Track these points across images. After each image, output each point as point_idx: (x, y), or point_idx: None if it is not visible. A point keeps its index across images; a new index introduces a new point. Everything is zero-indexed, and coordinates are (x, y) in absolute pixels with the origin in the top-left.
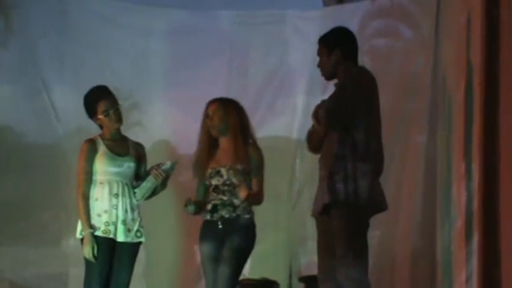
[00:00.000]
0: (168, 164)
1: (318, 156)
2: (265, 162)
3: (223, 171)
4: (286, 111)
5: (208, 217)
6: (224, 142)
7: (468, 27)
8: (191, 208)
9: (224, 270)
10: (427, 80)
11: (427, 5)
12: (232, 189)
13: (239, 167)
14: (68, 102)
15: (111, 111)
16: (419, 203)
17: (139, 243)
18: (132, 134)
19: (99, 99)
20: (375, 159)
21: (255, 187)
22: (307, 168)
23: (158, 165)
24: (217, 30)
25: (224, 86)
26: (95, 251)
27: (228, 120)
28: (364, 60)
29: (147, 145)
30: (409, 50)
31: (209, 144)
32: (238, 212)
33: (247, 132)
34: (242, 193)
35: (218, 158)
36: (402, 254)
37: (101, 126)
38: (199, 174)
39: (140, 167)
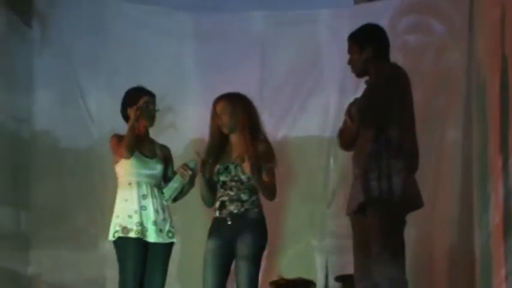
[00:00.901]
0: (194, 161)
1: (352, 154)
2: (299, 162)
3: (231, 167)
4: (319, 111)
5: (217, 214)
6: (234, 138)
7: (502, 21)
8: (192, 163)
9: (245, 268)
10: (462, 75)
11: (459, 0)
12: (239, 185)
13: (245, 166)
14: (103, 107)
15: (151, 106)
16: (456, 200)
17: (172, 243)
18: (166, 136)
19: (144, 93)
20: (409, 155)
21: (265, 179)
22: (341, 167)
23: (185, 164)
24: (249, 32)
25: (257, 86)
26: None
27: (237, 116)
28: (396, 56)
29: (181, 147)
30: (442, 45)
31: (219, 141)
32: (247, 206)
33: (257, 127)
34: (246, 167)
35: (227, 154)
36: (440, 252)
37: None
38: (208, 172)
39: (167, 169)
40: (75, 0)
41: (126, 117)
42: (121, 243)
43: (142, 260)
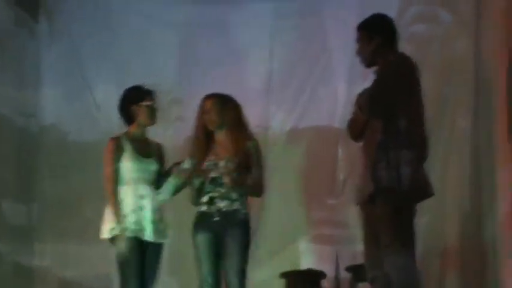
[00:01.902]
0: (187, 162)
1: (361, 144)
2: (308, 152)
3: (221, 163)
4: (328, 100)
5: (204, 208)
6: (220, 135)
7: (509, 11)
8: (188, 163)
9: (234, 264)
10: (470, 65)
11: None
12: None
13: (237, 159)
14: (111, 100)
15: (155, 106)
16: (466, 188)
17: (163, 244)
18: (174, 129)
19: (149, 93)
20: (418, 145)
21: (255, 179)
22: (350, 157)
23: (178, 164)
24: (257, 23)
25: (265, 77)
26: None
27: (225, 114)
28: (404, 46)
29: (188, 140)
30: (449, 35)
31: (205, 137)
32: (236, 206)
33: (243, 125)
34: (225, 180)
35: (215, 151)
36: (451, 240)
37: (131, 122)
38: (196, 167)
39: (161, 167)
40: None
41: (126, 115)
42: (119, 241)
43: (141, 258)
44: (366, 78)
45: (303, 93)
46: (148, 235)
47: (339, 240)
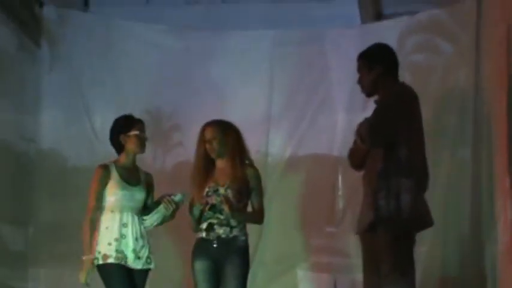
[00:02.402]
0: (179, 196)
1: (360, 173)
2: (308, 179)
3: (221, 190)
4: (327, 129)
5: (203, 235)
6: (221, 163)
7: (508, 40)
8: (179, 197)
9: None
10: (470, 94)
11: (466, 19)
12: None
13: (237, 186)
14: (109, 126)
15: (143, 134)
16: (466, 217)
17: (148, 270)
18: (174, 154)
19: (139, 121)
20: (419, 174)
21: (255, 206)
22: (349, 186)
23: (169, 195)
24: (257, 50)
25: (265, 104)
26: (89, 278)
27: (226, 142)
28: (404, 75)
29: (189, 165)
30: (449, 64)
31: (206, 165)
32: (235, 233)
33: (243, 153)
34: (225, 207)
35: (215, 178)
36: (450, 269)
37: (120, 151)
38: (197, 195)
39: (148, 196)
40: (84, 20)
41: (116, 145)
42: (103, 269)
43: (128, 284)
44: (366, 108)
45: (302, 120)
46: (129, 263)
47: (338, 268)
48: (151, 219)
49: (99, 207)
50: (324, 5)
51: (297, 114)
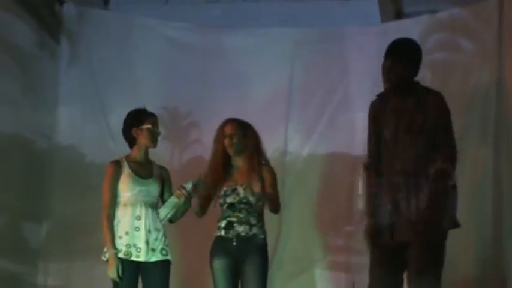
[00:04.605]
0: (190, 183)
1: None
2: (326, 178)
3: (240, 189)
4: (346, 128)
5: (222, 233)
6: (239, 161)
7: None
8: (189, 185)
9: (255, 286)
10: (491, 93)
11: (487, 18)
12: (248, 207)
13: (255, 185)
14: None
15: (156, 129)
16: (488, 219)
17: (167, 262)
18: (191, 151)
19: (151, 115)
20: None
21: (272, 195)
22: None
23: (181, 186)
24: (277, 48)
25: (284, 103)
26: (120, 272)
27: (245, 140)
28: (425, 74)
29: (206, 162)
30: (471, 63)
31: (224, 162)
32: (255, 231)
33: (261, 155)
34: (256, 188)
35: (233, 177)
36: (471, 268)
37: (132, 145)
38: (213, 191)
39: (165, 190)
40: (103, 18)
41: (129, 138)
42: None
43: (133, 281)
44: None
45: (321, 119)
46: (142, 255)
47: (356, 268)
48: (165, 210)
49: (113, 203)
50: (343, 4)
51: (316, 112)
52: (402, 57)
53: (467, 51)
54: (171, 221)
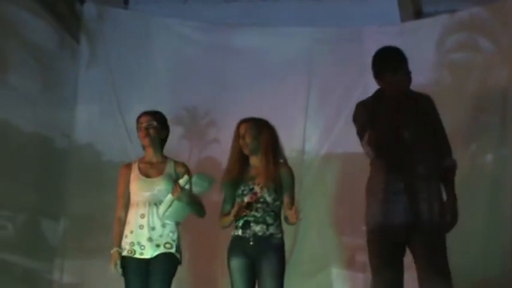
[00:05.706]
0: (184, 179)
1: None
2: (343, 177)
3: (257, 188)
4: None
5: (239, 233)
6: (255, 161)
7: None
8: (184, 180)
9: (273, 285)
10: (510, 93)
11: (507, 18)
12: (265, 206)
13: (272, 185)
14: None
15: (144, 125)
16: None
17: (169, 254)
18: (210, 150)
19: (145, 114)
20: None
21: (287, 205)
22: None
23: (177, 183)
24: (295, 47)
25: (303, 101)
26: (118, 267)
27: (260, 139)
28: (443, 74)
29: (224, 161)
30: (490, 63)
31: (240, 162)
32: (272, 230)
33: (277, 151)
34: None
35: (250, 176)
36: (489, 273)
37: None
38: (230, 191)
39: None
40: (122, 17)
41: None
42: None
43: (140, 278)
44: None
45: (339, 118)
46: (146, 252)
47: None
48: (163, 207)
49: (125, 205)
50: (363, 3)
51: (334, 111)
52: (406, 70)
53: (486, 50)
54: (173, 218)
